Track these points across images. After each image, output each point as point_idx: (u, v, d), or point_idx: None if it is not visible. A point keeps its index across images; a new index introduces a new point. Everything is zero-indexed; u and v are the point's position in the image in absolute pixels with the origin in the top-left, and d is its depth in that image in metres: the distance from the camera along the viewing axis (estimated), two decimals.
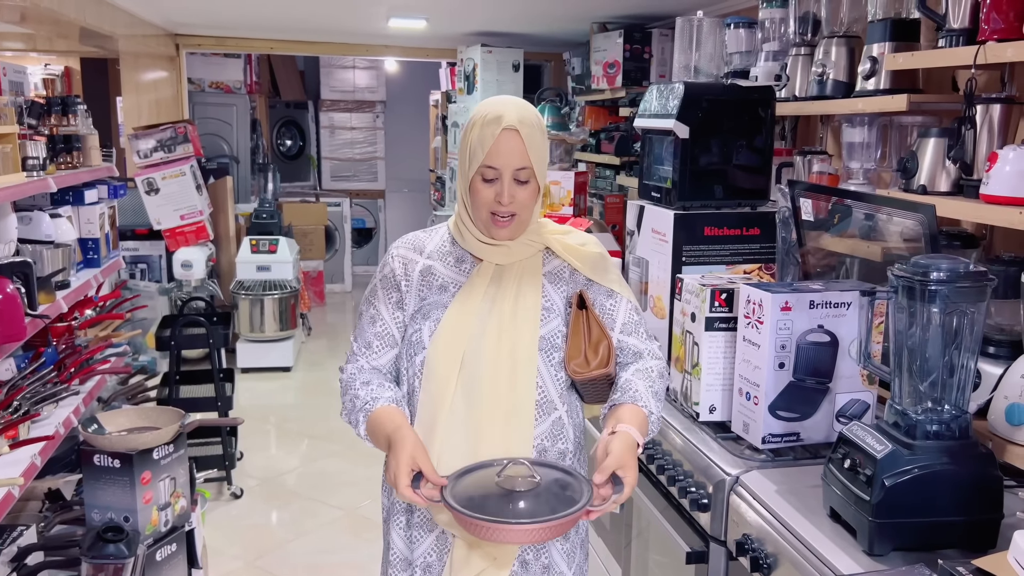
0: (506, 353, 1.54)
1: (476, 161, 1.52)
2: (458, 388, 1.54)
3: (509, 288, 1.58)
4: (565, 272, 1.65)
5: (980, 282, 1.41)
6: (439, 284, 1.60)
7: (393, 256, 1.64)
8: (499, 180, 1.52)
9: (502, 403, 1.54)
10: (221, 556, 3.23)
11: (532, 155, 1.51)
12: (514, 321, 1.56)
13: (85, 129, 3.51)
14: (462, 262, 1.63)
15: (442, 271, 1.62)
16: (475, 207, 1.56)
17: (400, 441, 1.46)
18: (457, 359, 1.54)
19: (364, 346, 1.64)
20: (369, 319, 1.63)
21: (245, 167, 6.96)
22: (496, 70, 5.50)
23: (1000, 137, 1.92)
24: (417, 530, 1.63)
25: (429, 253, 1.64)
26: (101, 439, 2.50)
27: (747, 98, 2.53)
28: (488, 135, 1.50)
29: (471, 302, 1.56)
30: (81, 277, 3.21)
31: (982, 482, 1.41)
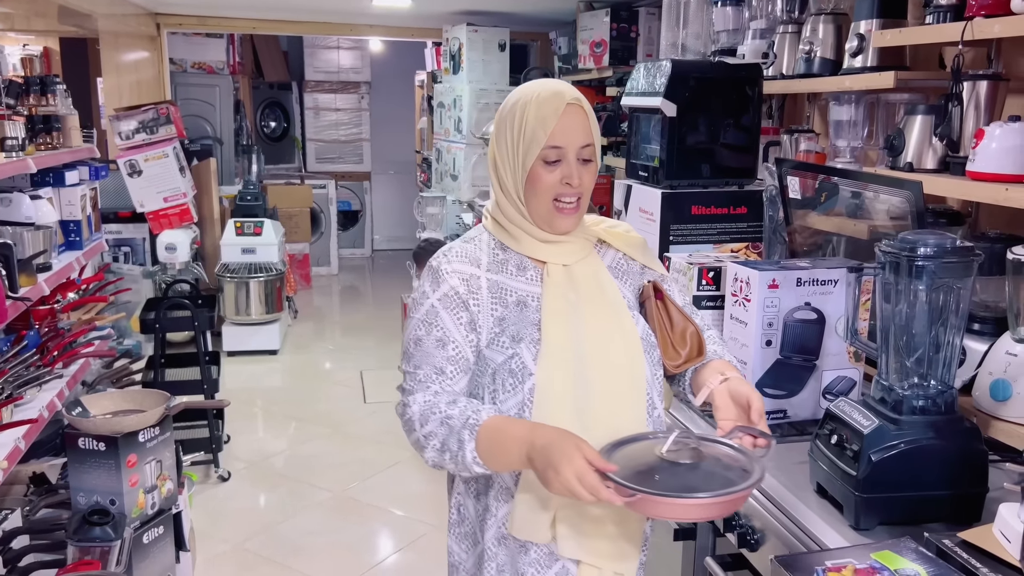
0: (616, 363, 1.41)
1: (537, 143, 1.37)
2: (572, 408, 1.37)
3: (590, 291, 1.44)
4: (623, 263, 1.54)
5: (967, 258, 1.41)
6: (516, 300, 1.43)
7: (448, 272, 1.42)
8: (563, 161, 1.39)
9: (620, 415, 1.40)
10: (209, 539, 3.23)
11: (594, 132, 1.41)
12: (612, 325, 1.43)
13: (65, 109, 3.46)
14: (524, 269, 1.46)
15: (512, 284, 1.44)
16: (534, 197, 1.40)
17: (554, 440, 1.25)
18: (570, 379, 1.37)
19: (435, 372, 1.41)
20: (436, 343, 1.41)
21: (229, 149, 6.90)
22: (482, 50, 5.46)
23: (987, 114, 1.91)
24: (532, 568, 1.42)
25: (488, 265, 1.44)
26: (86, 422, 2.49)
27: (734, 76, 2.53)
28: (550, 112, 1.36)
29: (562, 314, 1.40)
30: (63, 260, 3.18)
31: (967, 456, 1.42)
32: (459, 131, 5.59)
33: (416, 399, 1.41)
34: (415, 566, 3.16)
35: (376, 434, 4.30)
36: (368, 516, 3.50)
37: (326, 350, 5.99)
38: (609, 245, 1.52)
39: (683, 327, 1.49)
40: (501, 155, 1.44)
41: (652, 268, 1.55)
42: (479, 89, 5.45)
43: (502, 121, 1.43)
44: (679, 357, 1.48)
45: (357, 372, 5.27)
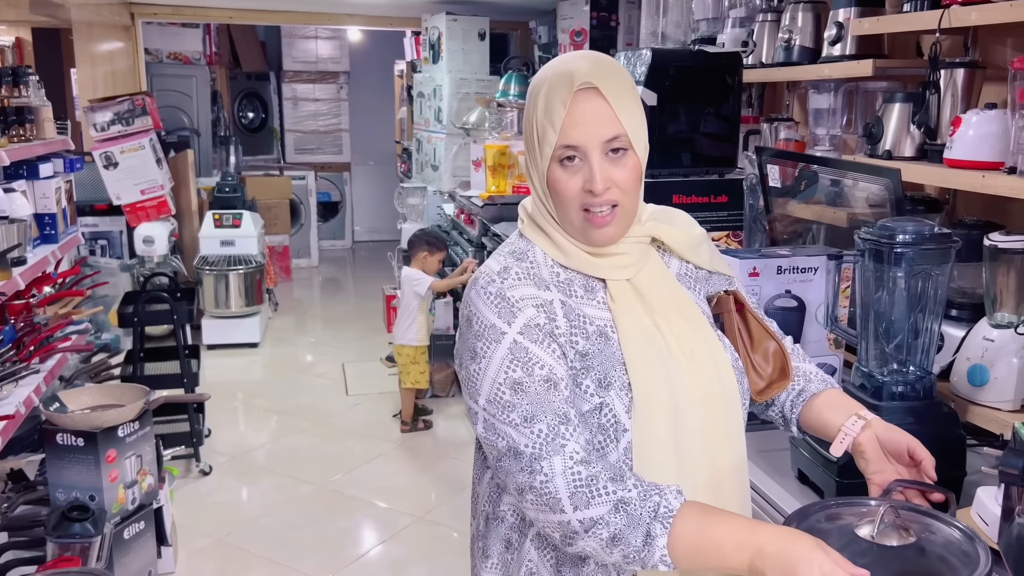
0: (712, 401, 1.18)
1: (548, 143, 1.13)
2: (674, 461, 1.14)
3: (664, 311, 1.19)
4: (690, 270, 1.28)
5: (945, 244, 1.42)
6: (596, 330, 1.17)
7: (519, 299, 1.14)
8: (584, 161, 1.13)
9: (719, 459, 1.18)
10: (191, 533, 3.21)
11: (624, 116, 1.12)
12: (702, 356, 1.18)
13: (38, 100, 3.41)
14: (592, 292, 1.20)
15: (586, 311, 1.18)
16: (560, 204, 1.16)
17: (792, 542, 1.01)
18: (668, 429, 1.13)
19: (561, 421, 1.10)
20: (543, 383, 1.11)
21: (206, 140, 6.83)
22: (462, 39, 5.43)
23: (963, 101, 1.93)
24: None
25: (555, 285, 1.18)
26: (64, 418, 2.46)
27: (714, 65, 2.53)
28: (557, 102, 1.11)
29: (644, 348, 1.15)
30: (38, 253, 3.14)
31: (946, 441, 1.44)
32: (439, 121, 5.57)
33: (556, 467, 1.07)
34: (399, 557, 3.16)
35: (358, 426, 4.29)
36: (351, 508, 3.50)
37: (307, 343, 5.96)
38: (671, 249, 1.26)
39: (765, 345, 1.28)
40: (528, 155, 1.19)
41: (722, 272, 1.31)
42: (459, 79, 5.43)
43: (524, 114, 1.20)
44: (761, 382, 1.28)
45: (339, 364, 5.24)
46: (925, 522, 1.14)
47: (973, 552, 1.06)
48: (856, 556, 1.07)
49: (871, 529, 1.11)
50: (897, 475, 1.17)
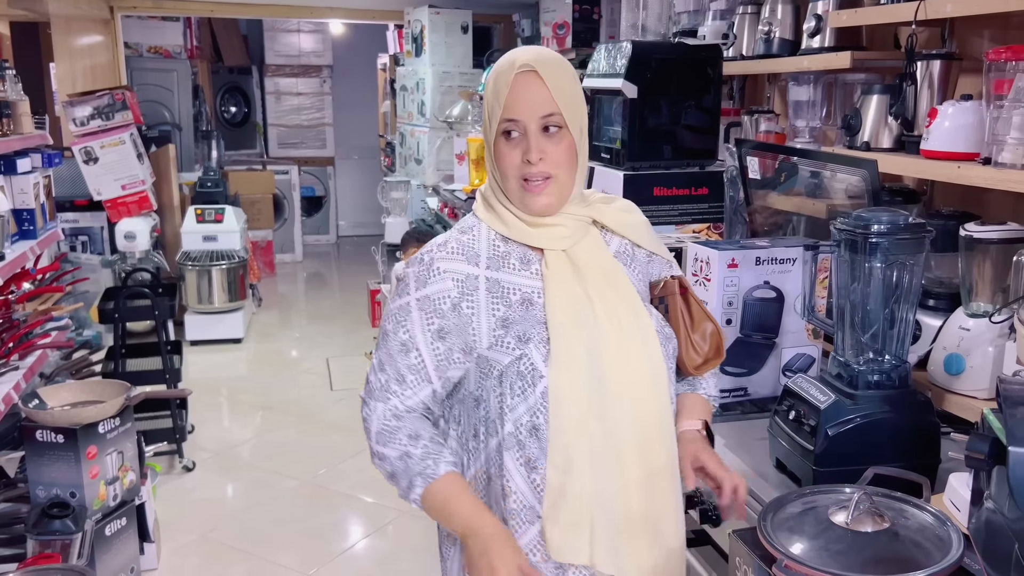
0: (633, 359, 1.29)
1: (495, 117, 1.28)
2: (589, 410, 1.26)
3: (596, 280, 1.32)
4: (629, 249, 1.41)
5: (919, 234, 1.44)
6: (520, 298, 1.31)
7: (441, 271, 1.30)
8: (523, 135, 1.27)
9: (643, 413, 1.30)
10: (174, 529, 3.19)
11: (559, 98, 1.26)
12: (626, 319, 1.31)
13: (15, 95, 3.37)
14: (527, 263, 1.33)
15: (515, 281, 1.31)
16: (503, 176, 1.30)
17: (498, 535, 1.24)
18: (583, 380, 1.26)
19: (396, 379, 1.33)
20: (400, 346, 1.32)
21: (188, 135, 6.78)
22: (444, 32, 5.41)
23: (940, 93, 1.94)
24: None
25: (487, 262, 1.32)
26: (43, 414, 2.45)
27: (695, 57, 2.53)
28: (502, 84, 1.26)
29: (569, 308, 1.29)
30: (16, 249, 3.11)
31: (921, 428, 1.46)
32: (423, 114, 5.55)
33: (376, 408, 1.34)
34: (385, 551, 3.16)
35: (343, 421, 4.28)
36: (337, 503, 3.49)
37: (292, 338, 5.94)
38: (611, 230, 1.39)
39: (703, 326, 1.40)
40: (484, 134, 1.36)
41: (660, 255, 1.45)
42: (442, 72, 5.42)
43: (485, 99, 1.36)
44: (699, 358, 1.40)
45: (323, 360, 5.23)
46: (899, 508, 1.16)
47: (946, 536, 1.07)
48: (831, 542, 1.09)
49: (846, 516, 1.12)
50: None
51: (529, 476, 1.27)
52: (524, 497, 1.28)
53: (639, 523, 1.28)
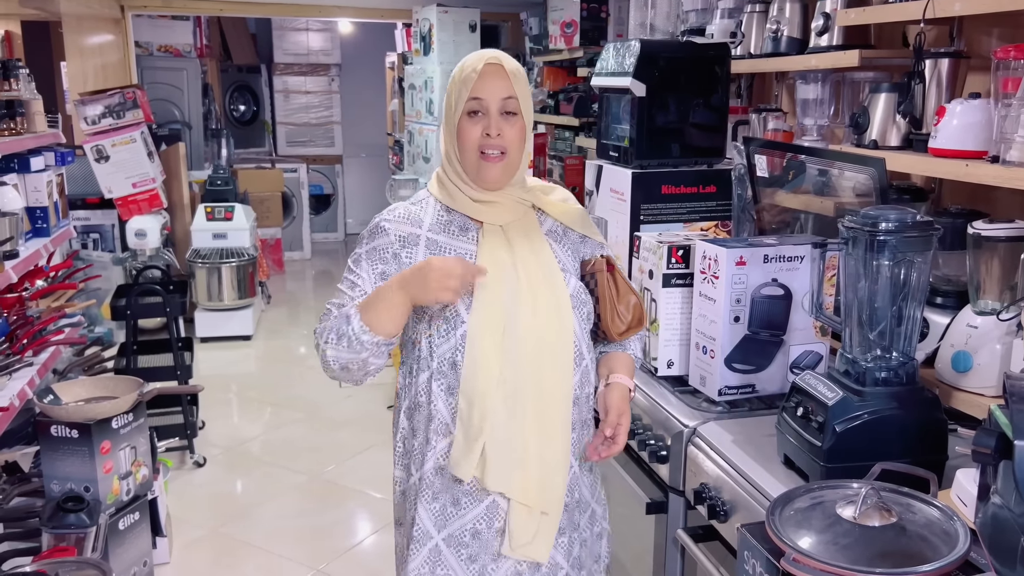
0: (544, 313, 1.51)
1: (462, 99, 1.50)
2: (503, 354, 1.49)
3: (522, 250, 1.55)
4: (560, 230, 1.63)
5: (927, 232, 1.45)
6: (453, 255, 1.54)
7: (387, 229, 1.55)
8: (486, 114, 1.50)
9: (546, 362, 1.51)
10: (185, 524, 3.22)
11: (517, 88, 1.51)
12: (543, 282, 1.53)
13: (28, 94, 3.40)
14: (466, 230, 1.57)
15: (452, 243, 1.55)
16: (463, 150, 1.52)
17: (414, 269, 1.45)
18: (500, 326, 1.49)
19: (338, 308, 1.56)
20: (349, 284, 1.56)
21: (198, 133, 6.81)
22: (452, 30, 5.43)
23: (948, 91, 1.95)
24: (466, 498, 1.54)
25: (430, 226, 1.56)
26: (58, 409, 2.47)
27: (703, 55, 2.54)
28: (470, 71, 1.50)
29: (495, 268, 1.51)
30: (30, 247, 3.14)
31: (928, 425, 1.47)
32: (431, 113, 5.57)
33: (322, 325, 1.56)
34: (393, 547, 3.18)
35: (352, 418, 4.30)
36: (345, 498, 3.52)
37: (300, 335, 5.97)
38: (547, 214, 1.62)
39: (627, 299, 1.62)
40: (444, 120, 1.58)
41: (592, 238, 1.67)
42: (450, 70, 5.41)
43: (448, 90, 1.56)
44: (623, 326, 1.62)
45: None
46: (906, 503, 1.17)
47: (953, 531, 1.08)
48: (839, 536, 1.10)
49: (853, 510, 1.13)
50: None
51: (447, 400, 1.52)
52: (442, 417, 1.53)
53: (530, 451, 1.50)
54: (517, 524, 1.52)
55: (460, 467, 1.49)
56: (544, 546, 1.54)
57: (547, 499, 1.53)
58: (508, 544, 1.52)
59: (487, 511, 1.53)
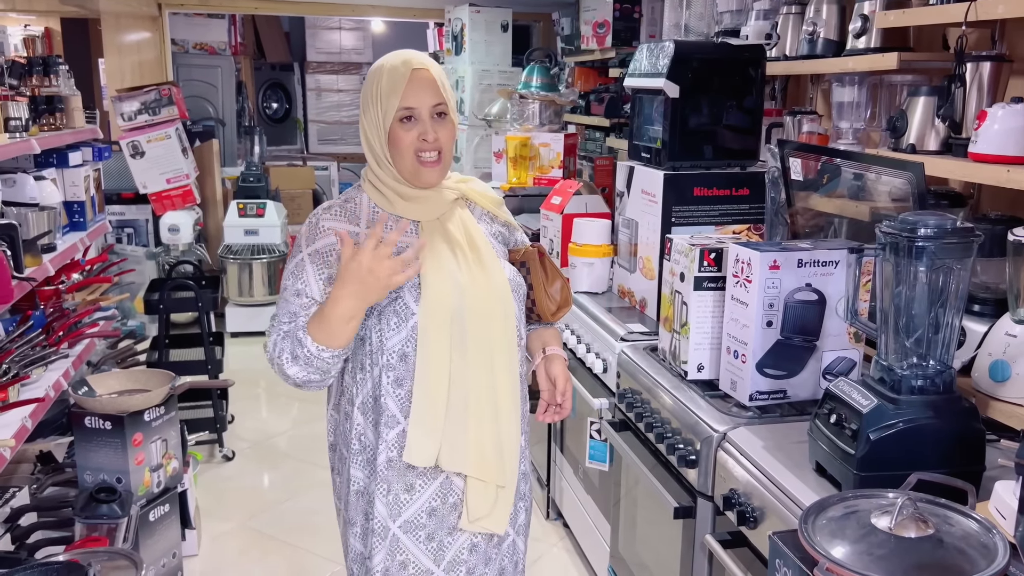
0: (488, 299, 1.59)
1: (391, 107, 1.53)
2: (452, 342, 1.56)
3: (461, 241, 1.61)
4: (487, 217, 1.72)
5: (967, 238, 1.42)
6: (395, 253, 1.54)
7: (326, 229, 1.57)
8: (419, 120, 1.54)
9: (493, 346, 1.59)
10: (213, 517, 3.26)
11: (444, 91, 1.57)
12: (484, 269, 1.61)
13: (68, 90, 3.46)
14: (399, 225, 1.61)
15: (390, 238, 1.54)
16: (399, 156, 1.56)
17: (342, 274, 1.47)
18: (447, 316, 1.55)
19: (288, 319, 1.55)
20: (295, 293, 1.56)
21: (231, 130, 6.88)
22: (484, 30, 5.43)
23: (989, 95, 1.91)
24: (420, 480, 1.60)
25: (367, 223, 1.60)
26: (92, 401, 2.51)
27: (738, 57, 2.52)
28: (399, 78, 1.53)
29: (438, 261, 1.57)
30: (67, 240, 3.19)
31: (965, 435, 1.44)
32: (461, 112, 5.58)
33: (271, 338, 1.58)
34: None
35: None
36: None
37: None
38: (475, 203, 1.70)
39: (556, 282, 1.74)
40: (368, 124, 1.59)
41: (512, 225, 1.77)
42: (481, 70, 5.43)
43: (364, 94, 1.58)
44: (553, 306, 1.74)
45: None
46: (943, 514, 1.14)
47: (992, 544, 1.06)
48: (874, 547, 1.08)
49: (889, 520, 1.11)
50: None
51: (395, 393, 1.57)
52: (391, 409, 1.57)
53: (484, 429, 1.58)
54: (475, 499, 1.60)
55: (418, 455, 1.55)
56: (503, 517, 1.63)
57: (504, 473, 1.61)
58: (466, 518, 1.61)
59: (441, 488, 1.61)
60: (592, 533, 2.73)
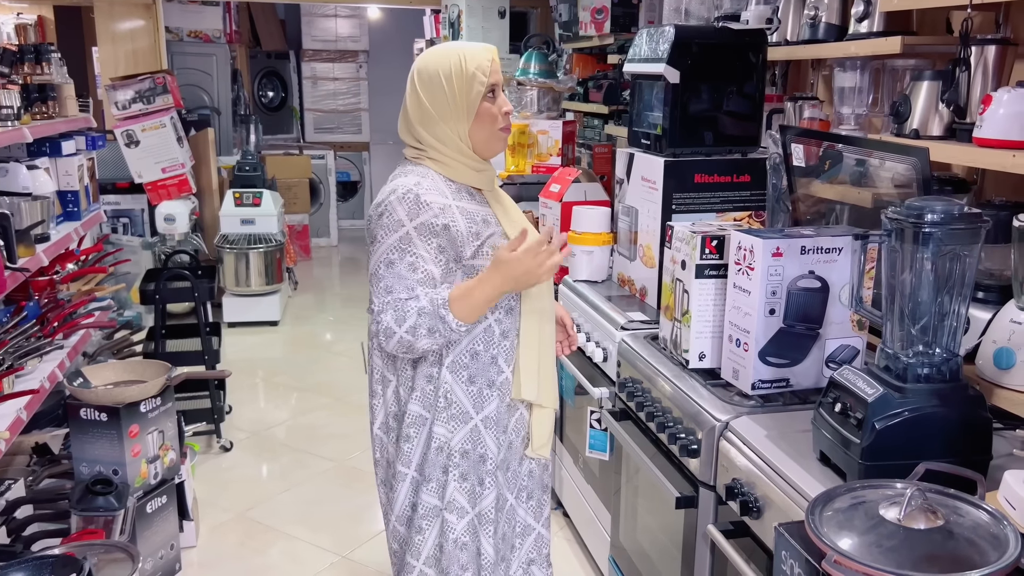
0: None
1: (481, 85, 1.71)
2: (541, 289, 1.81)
3: (510, 207, 1.85)
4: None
5: (974, 224, 1.40)
6: (481, 219, 1.76)
7: (427, 203, 1.68)
8: (497, 95, 1.76)
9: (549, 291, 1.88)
10: (212, 508, 3.24)
11: None
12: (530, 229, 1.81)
13: (60, 78, 3.42)
14: (473, 195, 1.79)
15: (473, 207, 1.76)
16: (485, 127, 1.74)
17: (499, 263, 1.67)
18: None
19: (407, 292, 1.69)
20: (408, 267, 1.68)
21: (226, 119, 6.83)
22: (481, 17, 5.39)
23: (994, 79, 1.89)
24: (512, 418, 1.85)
25: (451, 195, 1.74)
26: (87, 393, 2.49)
27: (738, 42, 2.49)
28: (485, 60, 1.72)
29: (510, 222, 1.80)
30: (61, 230, 3.16)
31: (972, 424, 1.42)
32: None
33: (386, 315, 1.69)
34: None
35: None
36: (370, 485, 3.49)
37: (326, 321, 5.99)
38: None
39: None
40: (440, 110, 1.74)
41: None
42: None
43: (432, 85, 1.73)
44: None
45: (358, 343, 5.27)
46: (953, 505, 1.13)
47: (1002, 535, 1.04)
48: (883, 538, 1.06)
49: (898, 511, 1.10)
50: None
51: (502, 344, 1.79)
52: (498, 361, 1.79)
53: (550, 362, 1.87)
54: (539, 428, 1.86)
55: (528, 391, 1.80)
56: (550, 444, 1.91)
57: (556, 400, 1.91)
58: (532, 446, 1.87)
59: (516, 423, 1.85)
60: (592, 523, 2.72)
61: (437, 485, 1.80)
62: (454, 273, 1.75)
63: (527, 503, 1.92)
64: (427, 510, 1.81)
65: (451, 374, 1.77)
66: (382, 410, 1.91)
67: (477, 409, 1.79)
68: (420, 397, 1.80)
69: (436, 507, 1.80)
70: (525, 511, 1.92)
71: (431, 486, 1.80)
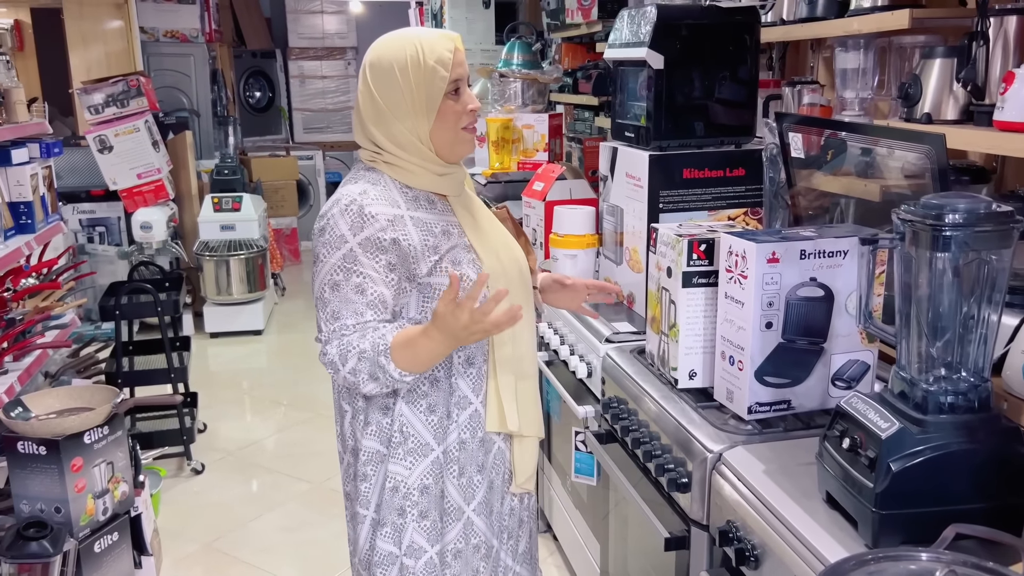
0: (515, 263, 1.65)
1: (443, 81, 1.51)
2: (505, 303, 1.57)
3: (479, 213, 1.66)
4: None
5: (1005, 225, 1.17)
6: (441, 230, 1.57)
7: (373, 215, 1.49)
8: (463, 92, 1.55)
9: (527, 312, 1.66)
10: (177, 539, 3.03)
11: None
12: (504, 237, 1.68)
13: (9, 82, 3.22)
14: (433, 203, 1.59)
15: (430, 217, 1.57)
16: (444, 130, 1.54)
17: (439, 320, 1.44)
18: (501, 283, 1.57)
19: (355, 318, 1.51)
20: (355, 289, 1.50)
21: (207, 121, 6.63)
22: (465, 7, 5.17)
23: (1016, 55, 1.67)
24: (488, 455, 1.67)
25: (406, 204, 1.55)
26: (23, 425, 2.28)
27: (729, 22, 2.29)
28: (445, 50, 1.51)
29: (480, 234, 1.61)
30: (11, 244, 2.97)
31: (1006, 462, 1.20)
32: None
33: (332, 346, 1.51)
34: None
35: None
36: None
37: (314, 329, 5.77)
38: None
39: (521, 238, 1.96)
40: (394, 108, 1.53)
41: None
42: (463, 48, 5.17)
43: (385, 79, 1.51)
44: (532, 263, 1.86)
45: None
46: None
47: None
48: None
49: None
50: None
51: (466, 372, 1.60)
52: (462, 390, 1.60)
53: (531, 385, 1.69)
54: (522, 459, 1.67)
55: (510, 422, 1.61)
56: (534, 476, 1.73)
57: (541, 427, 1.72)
58: (515, 482, 1.69)
59: (495, 459, 1.66)
60: (581, 550, 2.50)
61: (393, 530, 1.62)
62: (408, 294, 1.56)
63: (508, 543, 1.73)
64: (382, 557, 1.63)
65: (407, 405, 1.59)
66: (341, 444, 1.73)
67: (439, 440, 1.61)
68: (376, 432, 1.62)
69: (392, 554, 1.63)
70: (506, 553, 1.73)
71: (385, 531, 1.62)
